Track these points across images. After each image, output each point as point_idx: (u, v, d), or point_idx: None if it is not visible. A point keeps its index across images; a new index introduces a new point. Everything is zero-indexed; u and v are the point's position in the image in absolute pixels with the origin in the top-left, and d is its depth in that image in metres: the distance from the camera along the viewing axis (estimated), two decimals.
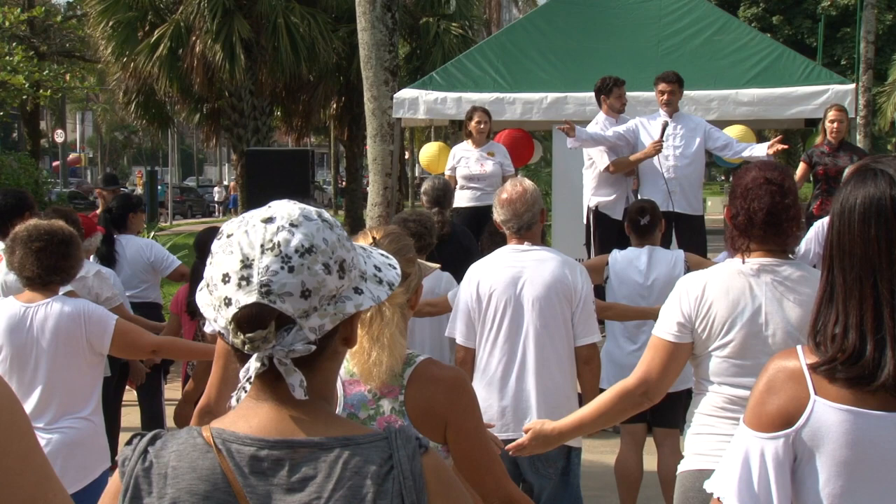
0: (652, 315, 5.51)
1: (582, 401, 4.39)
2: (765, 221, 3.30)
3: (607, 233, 8.67)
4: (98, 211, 8.83)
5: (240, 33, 22.94)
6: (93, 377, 4.33)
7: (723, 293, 3.31)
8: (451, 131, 13.35)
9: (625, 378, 3.47)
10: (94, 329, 4.24)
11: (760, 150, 8.43)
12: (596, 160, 8.78)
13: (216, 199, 49.07)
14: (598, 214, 8.79)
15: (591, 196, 8.86)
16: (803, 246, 6.45)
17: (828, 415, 1.99)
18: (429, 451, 1.62)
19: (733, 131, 9.93)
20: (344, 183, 33.70)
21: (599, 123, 8.82)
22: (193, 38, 23.15)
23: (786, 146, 8.47)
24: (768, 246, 3.34)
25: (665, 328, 3.37)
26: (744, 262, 3.34)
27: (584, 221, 9.16)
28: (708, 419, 3.39)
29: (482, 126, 9.32)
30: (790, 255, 3.38)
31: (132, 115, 26.94)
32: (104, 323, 4.27)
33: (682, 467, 3.40)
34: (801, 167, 8.92)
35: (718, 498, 2.09)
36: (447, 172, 9.71)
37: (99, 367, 4.38)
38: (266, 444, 1.57)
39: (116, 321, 4.31)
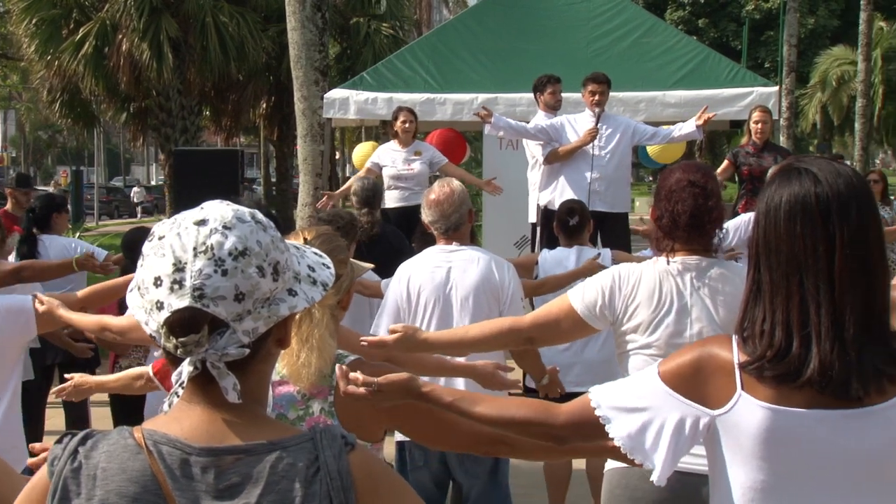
0: (584, 273, 5.57)
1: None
2: (688, 223, 3.33)
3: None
4: (6, 209, 8.62)
5: (167, 32, 22.68)
6: (5, 375, 4.10)
7: (649, 293, 3.34)
8: (382, 131, 13.36)
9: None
10: (14, 319, 4.02)
11: (689, 126, 8.57)
12: (538, 156, 8.82)
13: (135, 199, 48.16)
14: (547, 212, 8.82)
15: (540, 194, 8.88)
16: (731, 235, 6.55)
17: (752, 412, 2.02)
18: (356, 448, 1.61)
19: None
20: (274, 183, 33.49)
21: (539, 121, 8.87)
22: (120, 37, 22.84)
23: (712, 115, 8.61)
24: (692, 246, 3.37)
25: (583, 302, 3.37)
26: (668, 263, 3.37)
27: (533, 221, 9.18)
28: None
29: (407, 126, 9.31)
30: (713, 255, 3.42)
31: (56, 113, 26.50)
32: (22, 308, 4.04)
33: (609, 465, 3.41)
34: (725, 164, 9.08)
35: (595, 409, 2.14)
36: (367, 164, 9.72)
37: (13, 365, 4.15)
38: (194, 451, 1.55)
39: (33, 296, 4.06)
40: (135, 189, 50.54)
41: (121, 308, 6.10)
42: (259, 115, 30.60)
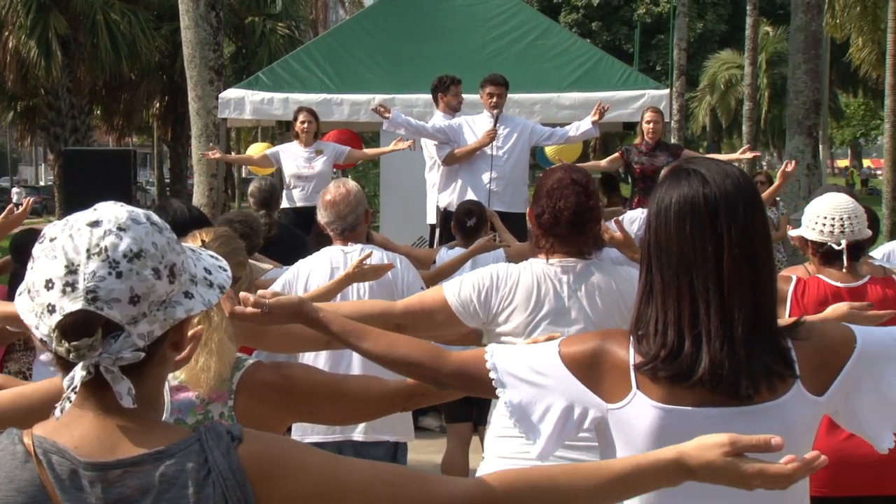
0: (478, 251, 5.61)
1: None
2: (570, 221, 3.36)
3: None
4: None
5: (56, 29, 22.16)
6: None
7: (527, 295, 3.34)
8: (279, 132, 13.26)
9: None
10: None
11: (586, 124, 8.73)
12: (436, 157, 8.84)
13: (14, 200, 46.66)
14: (446, 214, 8.82)
15: (439, 195, 8.90)
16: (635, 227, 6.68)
17: (644, 411, 2.05)
18: (243, 440, 1.58)
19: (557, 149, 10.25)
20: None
21: (437, 122, 8.88)
22: (6, 34, 22.24)
23: (607, 107, 8.78)
24: (569, 247, 3.39)
25: (458, 297, 3.33)
26: (548, 262, 3.39)
27: (432, 222, 9.19)
28: (511, 421, 3.39)
29: (307, 126, 9.26)
30: (589, 256, 3.45)
31: None
32: None
33: (483, 470, 3.34)
34: (616, 155, 9.34)
35: (490, 370, 2.14)
36: (266, 152, 9.67)
37: None
38: (81, 464, 1.52)
39: None
40: (14, 189, 48.83)
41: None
42: (152, 115, 30.11)
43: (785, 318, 2.21)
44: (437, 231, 8.87)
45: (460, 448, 5.99)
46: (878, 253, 6.44)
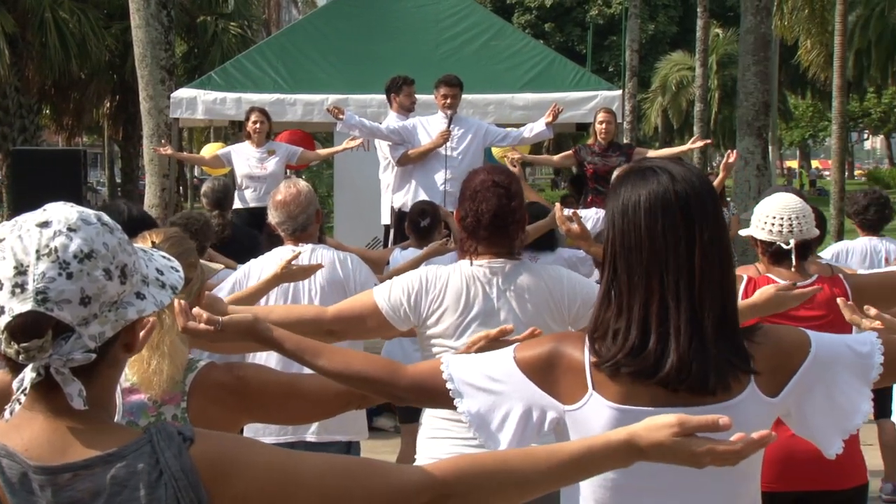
0: (430, 255, 5.60)
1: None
2: (491, 223, 3.36)
3: None
4: None
5: (3, 28, 21.84)
6: None
7: (456, 297, 3.35)
8: (231, 132, 13.18)
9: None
10: None
11: (540, 125, 8.77)
12: (390, 158, 8.83)
13: None
14: (401, 214, 8.82)
15: (394, 196, 8.89)
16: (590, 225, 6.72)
17: (600, 411, 2.06)
18: (195, 440, 1.57)
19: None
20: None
21: (391, 122, 8.88)
22: None
23: (561, 108, 8.84)
24: (495, 248, 3.40)
25: (388, 302, 3.33)
26: (472, 265, 3.40)
27: (386, 222, 9.18)
28: (442, 422, 3.36)
29: (259, 126, 9.23)
30: (517, 256, 3.46)
31: None
32: None
33: None
34: (569, 152, 9.45)
35: (447, 381, 2.14)
36: (218, 152, 9.63)
37: None
38: (31, 468, 1.50)
39: None
40: None
41: None
42: (103, 115, 29.81)
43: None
44: (392, 231, 8.87)
45: (414, 448, 5.98)
46: (828, 253, 6.55)
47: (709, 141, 11.57)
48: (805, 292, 3.26)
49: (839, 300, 3.08)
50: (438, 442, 3.32)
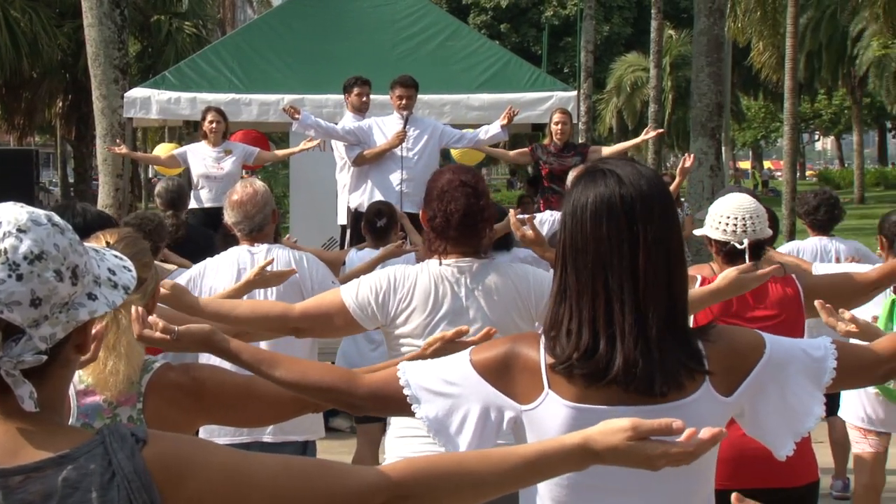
0: (387, 256, 5.60)
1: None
2: (461, 223, 3.38)
3: None
4: None
5: None
6: None
7: (425, 297, 3.36)
8: (186, 132, 13.09)
9: None
10: None
11: (495, 127, 8.79)
12: (346, 158, 8.82)
13: None
14: (357, 215, 8.79)
15: (350, 196, 8.87)
16: (545, 228, 6.75)
17: (557, 410, 2.08)
18: (149, 442, 1.56)
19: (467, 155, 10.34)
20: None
21: (347, 123, 8.87)
22: None
23: (516, 111, 8.87)
24: (463, 248, 3.42)
25: (356, 300, 3.34)
26: (441, 265, 3.41)
27: (343, 223, 9.16)
28: (410, 421, 3.34)
29: (215, 126, 9.18)
30: (484, 256, 3.47)
31: None
32: None
33: None
34: (526, 150, 9.50)
35: (404, 387, 2.15)
36: (174, 152, 9.59)
37: None
38: None
39: None
40: None
41: None
42: (55, 114, 29.48)
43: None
44: (348, 232, 8.86)
45: (370, 448, 6.00)
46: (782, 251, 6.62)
47: (661, 130, 11.66)
48: (767, 272, 3.35)
49: (816, 302, 3.12)
50: (407, 441, 3.33)
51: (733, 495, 1.66)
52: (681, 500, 2.15)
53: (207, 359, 3.89)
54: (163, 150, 11.85)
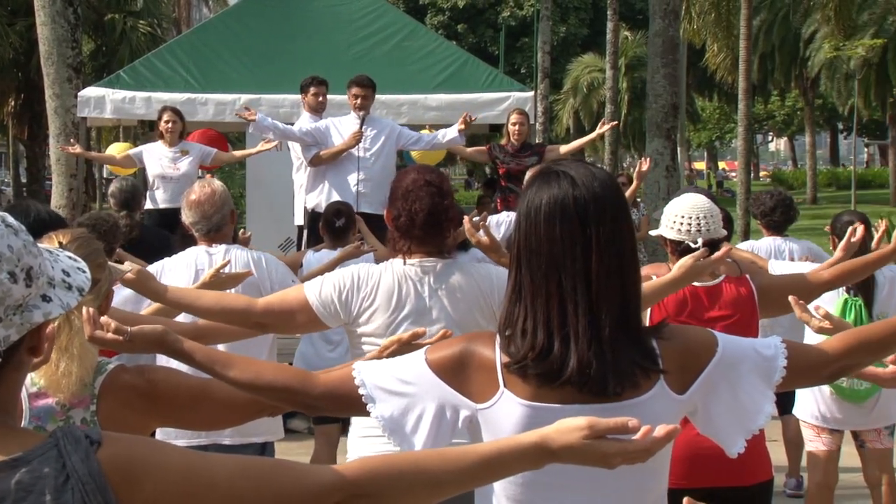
0: (345, 257, 5.59)
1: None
2: (425, 222, 3.39)
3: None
4: None
5: None
6: None
7: (388, 296, 3.37)
8: (141, 131, 12.98)
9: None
10: None
11: (452, 132, 8.79)
12: (303, 158, 8.78)
13: None
14: (314, 215, 8.76)
15: (307, 196, 8.84)
16: (503, 229, 6.77)
17: (512, 409, 2.09)
18: (103, 444, 1.55)
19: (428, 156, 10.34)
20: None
21: (304, 123, 8.84)
22: None
23: (474, 118, 8.89)
24: (427, 247, 3.43)
25: (319, 298, 3.34)
26: (405, 264, 3.42)
27: (300, 223, 9.12)
28: (373, 421, 3.38)
29: (171, 126, 9.12)
30: (448, 255, 3.49)
31: None
32: None
33: None
34: (483, 148, 9.52)
35: (359, 387, 2.15)
36: (130, 152, 9.53)
37: None
38: None
39: None
40: None
41: None
42: (7, 114, 29.11)
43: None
44: (305, 232, 8.83)
45: (328, 450, 5.98)
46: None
47: (615, 123, 11.73)
48: (721, 254, 3.41)
49: (790, 298, 3.16)
50: (370, 441, 3.33)
51: (685, 499, 1.67)
52: (634, 497, 2.16)
53: (167, 361, 3.86)
54: (117, 149, 11.73)
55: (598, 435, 1.70)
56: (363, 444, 3.36)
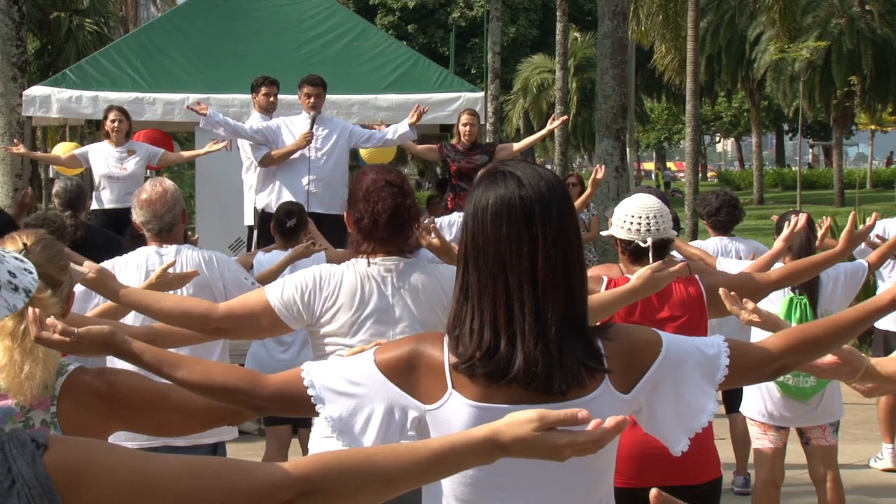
0: (295, 258, 5.58)
1: None
2: (388, 222, 3.40)
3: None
4: None
5: None
6: None
7: (350, 295, 3.37)
8: (88, 131, 12.82)
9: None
10: None
11: (403, 126, 8.80)
12: (253, 158, 8.73)
13: None
14: (265, 215, 8.71)
15: (257, 196, 8.79)
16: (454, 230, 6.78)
17: (460, 409, 2.10)
18: (49, 447, 1.54)
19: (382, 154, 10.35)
20: None
21: (255, 122, 8.79)
22: None
23: (426, 109, 8.91)
24: (389, 247, 3.44)
25: (281, 300, 3.34)
26: (369, 265, 3.42)
27: (250, 223, 9.07)
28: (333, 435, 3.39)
29: (117, 125, 9.03)
30: (410, 255, 3.50)
31: None
32: None
33: None
34: (434, 146, 9.58)
35: (308, 388, 2.15)
36: (75, 152, 9.46)
37: None
38: None
39: None
40: None
41: None
42: None
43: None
44: (255, 232, 8.78)
45: (279, 450, 5.96)
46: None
47: (565, 118, 11.80)
48: (677, 269, 3.46)
49: (721, 290, 3.21)
50: (332, 441, 3.31)
51: (652, 492, 1.68)
52: (581, 496, 2.18)
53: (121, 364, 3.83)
54: (63, 149, 11.60)
55: (548, 427, 1.71)
56: (325, 444, 3.34)
